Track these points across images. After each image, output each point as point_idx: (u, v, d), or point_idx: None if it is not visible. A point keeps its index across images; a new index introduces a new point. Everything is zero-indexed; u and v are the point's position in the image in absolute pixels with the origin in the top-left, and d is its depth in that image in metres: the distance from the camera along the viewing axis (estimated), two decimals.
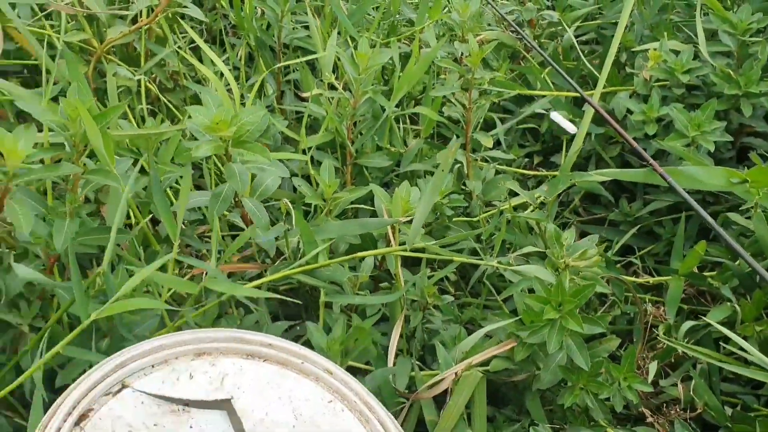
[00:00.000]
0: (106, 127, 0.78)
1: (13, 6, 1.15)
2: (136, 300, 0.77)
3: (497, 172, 1.42)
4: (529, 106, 1.51)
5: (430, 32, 1.39)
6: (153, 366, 0.75)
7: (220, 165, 1.14)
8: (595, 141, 1.48)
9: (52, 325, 0.82)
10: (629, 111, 1.39)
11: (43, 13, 1.22)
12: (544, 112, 1.51)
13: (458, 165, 1.39)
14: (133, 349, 0.73)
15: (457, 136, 1.40)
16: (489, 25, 1.78)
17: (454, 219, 1.29)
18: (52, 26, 1.25)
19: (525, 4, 1.66)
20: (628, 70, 1.51)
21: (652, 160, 0.88)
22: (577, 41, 1.65)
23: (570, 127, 1.30)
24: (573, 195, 1.51)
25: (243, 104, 1.26)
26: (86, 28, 1.20)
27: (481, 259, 1.05)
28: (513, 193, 1.36)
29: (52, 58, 1.14)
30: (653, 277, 1.31)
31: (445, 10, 1.59)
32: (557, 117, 1.29)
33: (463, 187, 1.38)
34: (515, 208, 1.33)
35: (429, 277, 1.10)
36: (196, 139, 0.89)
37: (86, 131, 0.77)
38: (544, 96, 1.48)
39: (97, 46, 1.21)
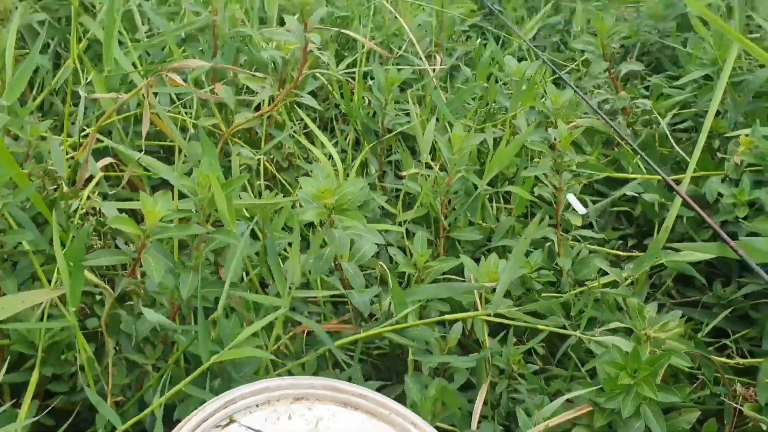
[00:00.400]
0: (230, 195, 0.91)
1: (155, 94, 1.35)
2: (248, 349, 0.87)
3: (589, 252, 1.47)
4: (620, 189, 1.56)
5: (522, 118, 1.49)
6: (257, 405, 0.85)
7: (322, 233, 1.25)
8: (687, 224, 1.50)
9: (172, 365, 0.93)
10: (720, 194, 1.41)
11: (180, 101, 1.41)
12: (636, 195, 1.55)
13: (549, 243, 1.45)
14: (241, 389, 0.83)
15: (550, 216, 1.47)
16: (585, 113, 1.86)
17: (543, 294, 1.34)
18: (186, 112, 1.43)
19: (619, 92, 1.73)
20: (720, 155, 1.54)
21: (723, 233, 0.92)
22: (673, 128, 1.69)
23: (581, 209, 1.35)
24: (666, 278, 1.53)
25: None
26: (216, 114, 1.38)
27: (564, 328, 1.09)
28: (604, 273, 1.40)
29: (186, 139, 1.32)
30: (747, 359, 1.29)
31: (542, 99, 1.69)
32: (572, 198, 1.35)
33: (555, 266, 1.43)
34: (605, 287, 1.36)
35: (515, 345, 1.15)
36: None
37: (213, 196, 0.90)
38: (634, 179, 1.53)
39: (224, 130, 1.38)
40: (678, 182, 1.42)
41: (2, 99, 1.03)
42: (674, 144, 1.62)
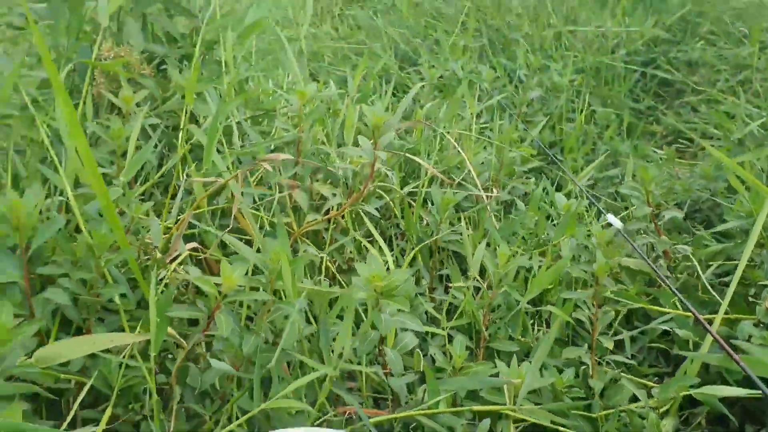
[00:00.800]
0: (294, 270, 1.06)
1: (242, 194, 1.55)
2: (293, 401, 1.00)
3: (621, 378, 1.54)
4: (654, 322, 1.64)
5: (565, 247, 1.62)
6: None
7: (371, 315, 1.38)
8: (720, 365, 1.56)
9: (226, 414, 1.06)
10: (750, 336, 1.48)
11: (261, 202, 1.60)
12: (670, 330, 1.63)
13: (584, 366, 1.53)
14: (287, 430, 0.95)
15: (586, 343, 1.56)
16: (628, 255, 1.98)
17: (572, 411, 1.41)
18: (266, 214, 1.63)
19: (660, 236, 1.85)
20: (752, 300, 1.62)
21: (729, 349, 1.00)
22: (718, 279, 1.78)
23: (617, 223, 1.45)
24: (699, 416, 1.57)
25: None
26: (291, 215, 1.56)
27: None
28: (634, 399, 1.46)
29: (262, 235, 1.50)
30: None
31: (589, 236, 1.82)
32: (611, 218, 1.45)
33: (588, 388, 1.51)
34: (634, 413, 1.42)
35: None
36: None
37: (282, 270, 1.06)
38: (668, 314, 1.62)
39: (295, 229, 1.56)
40: (710, 322, 1.51)
41: (121, 175, 1.24)
42: (710, 288, 1.70)
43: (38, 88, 1.78)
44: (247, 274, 1.14)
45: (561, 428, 1.17)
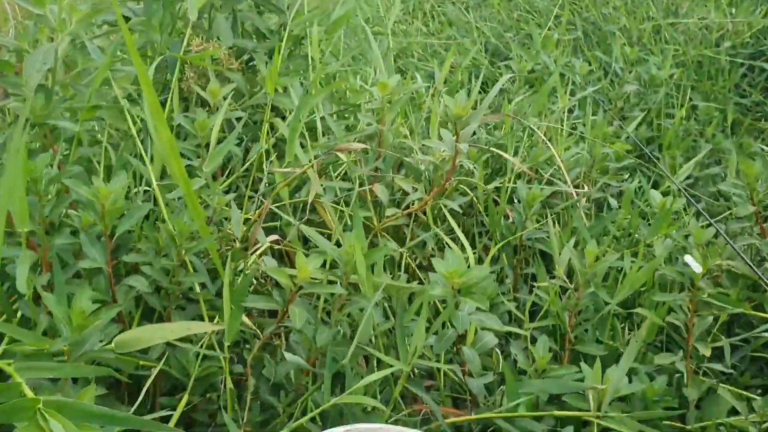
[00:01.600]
0: (369, 263, 1.04)
1: (324, 190, 1.54)
2: (366, 398, 0.97)
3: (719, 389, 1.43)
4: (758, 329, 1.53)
5: (658, 246, 1.53)
6: None
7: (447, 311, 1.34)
8: None
9: (300, 407, 1.05)
10: None
11: (342, 196, 1.59)
12: None
13: (678, 375, 1.44)
14: (357, 425, 0.92)
15: (679, 346, 1.46)
16: (730, 258, 1.85)
17: (664, 422, 1.32)
18: (346, 207, 1.62)
19: (766, 237, 1.72)
20: None
21: None
22: None
23: (696, 268, 1.35)
24: None
25: None
26: (371, 209, 1.54)
27: None
28: (734, 412, 1.36)
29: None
30: None
31: (686, 236, 1.72)
32: (689, 259, 1.34)
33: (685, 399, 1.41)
34: (733, 428, 1.33)
35: None
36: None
37: (356, 262, 1.03)
38: None
39: (375, 225, 1.54)
40: None
41: (203, 167, 1.26)
42: None
43: (133, 83, 1.84)
44: (324, 266, 1.12)
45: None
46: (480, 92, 2.61)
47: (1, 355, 0.90)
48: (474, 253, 1.62)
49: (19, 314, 1.11)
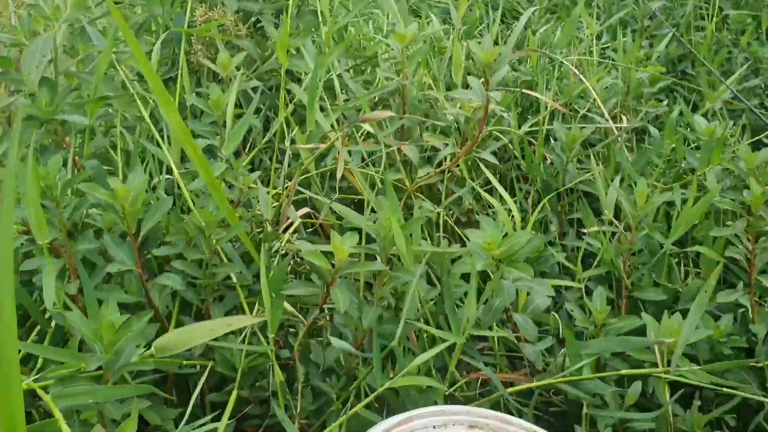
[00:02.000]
0: (408, 235, 0.97)
1: (349, 153, 1.47)
2: (420, 377, 0.92)
3: None
4: None
5: (711, 177, 1.43)
6: (434, 427, 0.88)
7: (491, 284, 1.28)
8: None
9: (352, 393, 1.00)
10: None
11: (370, 158, 1.52)
12: None
13: (742, 310, 1.36)
14: (418, 410, 0.87)
15: (742, 281, 1.38)
16: None
17: (734, 361, 1.26)
18: (375, 170, 1.54)
19: None
20: None
21: None
22: None
23: None
24: None
25: None
26: (402, 170, 1.47)
27: (756, 395, 1.02)
28: None
29: (374, 194, 1.42)
30: None
31: (736, 160, 1.62)
32: None
33: (749, 334, 1.34)
34: None
35: (700, 410, 1.09)
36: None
37: (394, 237, 0.97)
38: None
39: (408, 185, 1.47)
40: None
41: (222, 149, 1.19)
42: None
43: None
44: (360, 241, 1.06)
45: (723, 389, 1.03)
46: (500, 24, 2.48)
47: (36, 377, 0.86)
48: (515, 202, 1.55)
49: (53, 323, 1.08)
